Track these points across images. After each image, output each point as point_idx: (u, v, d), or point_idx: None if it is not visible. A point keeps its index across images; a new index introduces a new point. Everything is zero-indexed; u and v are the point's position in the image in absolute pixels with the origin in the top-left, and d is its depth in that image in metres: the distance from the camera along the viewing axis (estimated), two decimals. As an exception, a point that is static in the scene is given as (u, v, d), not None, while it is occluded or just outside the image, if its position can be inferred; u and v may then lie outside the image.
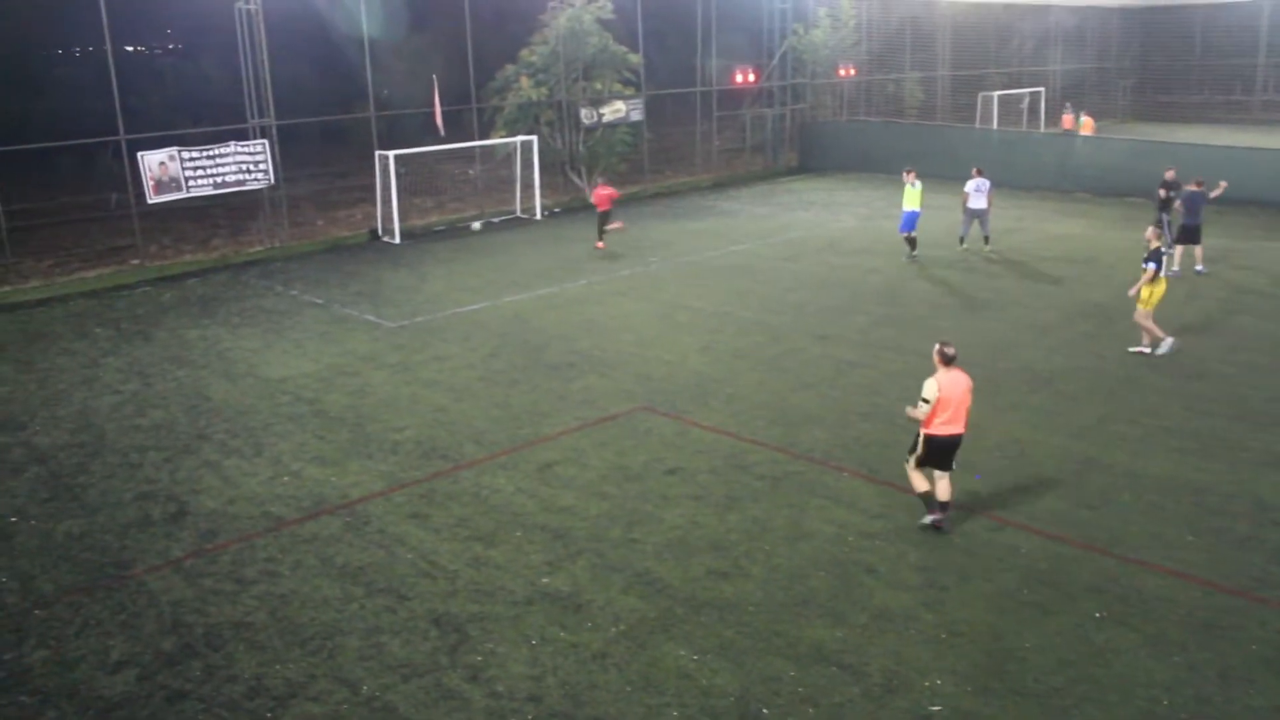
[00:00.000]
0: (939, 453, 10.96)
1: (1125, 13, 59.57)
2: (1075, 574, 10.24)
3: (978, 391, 15.46)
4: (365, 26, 28.08)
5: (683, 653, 9.03)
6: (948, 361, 10.96)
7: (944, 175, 34.79)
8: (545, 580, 10.24)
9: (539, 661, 8.93)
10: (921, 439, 10.96)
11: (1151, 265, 16.38)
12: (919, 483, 11.10)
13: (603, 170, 33.96)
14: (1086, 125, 41.92)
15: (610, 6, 32.59)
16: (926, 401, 10.74)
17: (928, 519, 11.13)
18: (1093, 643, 9.13)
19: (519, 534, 11.18)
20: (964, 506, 11.61)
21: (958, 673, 8.71)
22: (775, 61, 39.83)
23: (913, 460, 11.09)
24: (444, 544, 11.01)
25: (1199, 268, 22.16)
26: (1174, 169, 24.41)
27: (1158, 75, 61.91)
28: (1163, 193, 23.72)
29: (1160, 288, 16.59)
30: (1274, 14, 57.19)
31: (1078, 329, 18.27)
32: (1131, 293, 16.89)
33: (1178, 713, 8.19)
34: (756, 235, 27.23)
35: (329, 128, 30.67)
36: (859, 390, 15.37)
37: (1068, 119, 44.31)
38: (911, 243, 23.79)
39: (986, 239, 24.78)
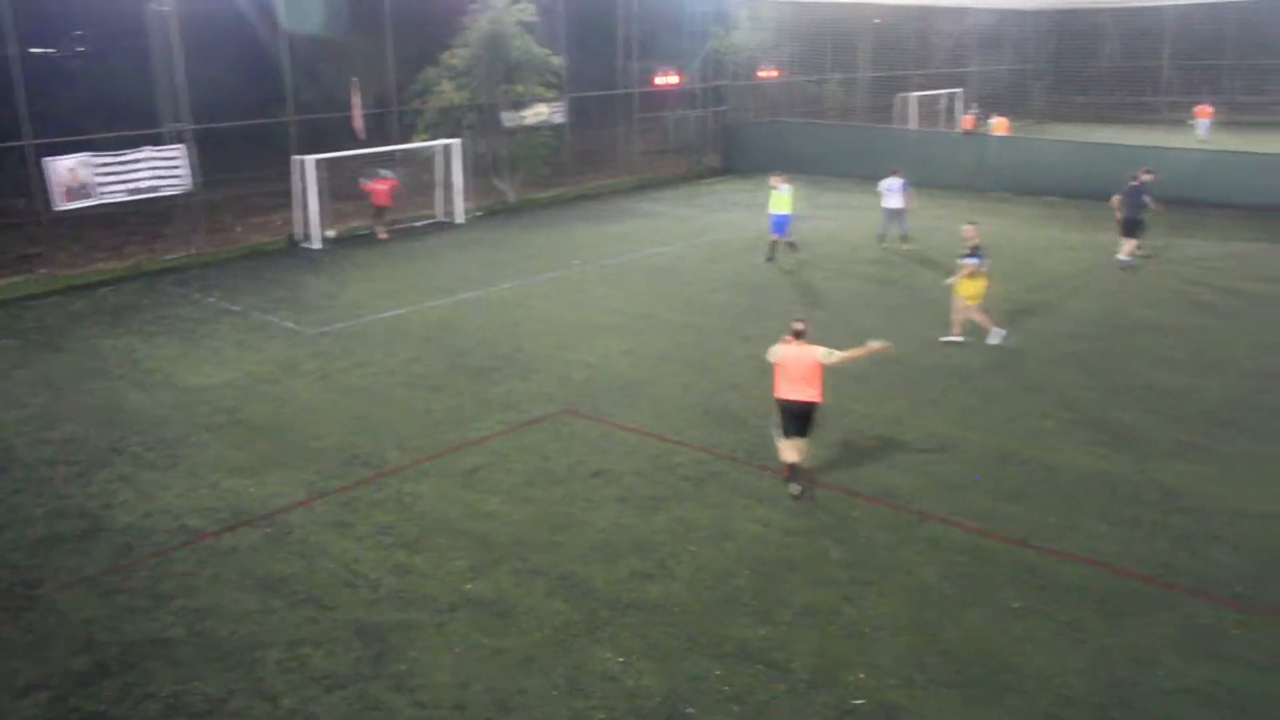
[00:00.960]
0: (785, 417, 11.87)
1: (1040, 15, 60.90)
2: (994, 566, 10.44)
3: (899, 387, 15.76)
4: (284, 28, 27.66)
5: (609, 655, 9.03)
6: (796, 335, 11.91)
7: (866, 175, 35.25)
8: (469, 586, 10.17)
9: (464, 668, 8.87)
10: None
11: (970, 261, 17.00)
12: (783, 452, 11.99)
13: (525, 173, 33.85)
14: (1000, 125, 42.73)
15: (532, 9, 32.45)
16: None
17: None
18: (1011, 632, 9.32)
19: (443, 540, 11.10)
20: (885, 502, 11.78)
21: (881, 666, 8.83)
22: (697, 63, 40.00)
23: (775, 428, 12.11)
24: (367, 552, 10.88)
25: (1122, 257, 22.76)
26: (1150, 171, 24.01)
27: (1072, 76, 63.41)
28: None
29: (981, 282, 17.08)
30: (1177, 19, 58.89)
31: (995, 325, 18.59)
32: (947, 282, 17.83)
33: (1092, 697, 8.40)
34: (680, 237, 27.33)
35: (248, 132, 30.08)
36: (782, 389, 15.49)
37: (968, 119, 45.18)
38: (774, 246, 23.64)
39: (904, 237, 25.19)
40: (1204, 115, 46.18)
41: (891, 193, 24.86)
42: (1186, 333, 18.09)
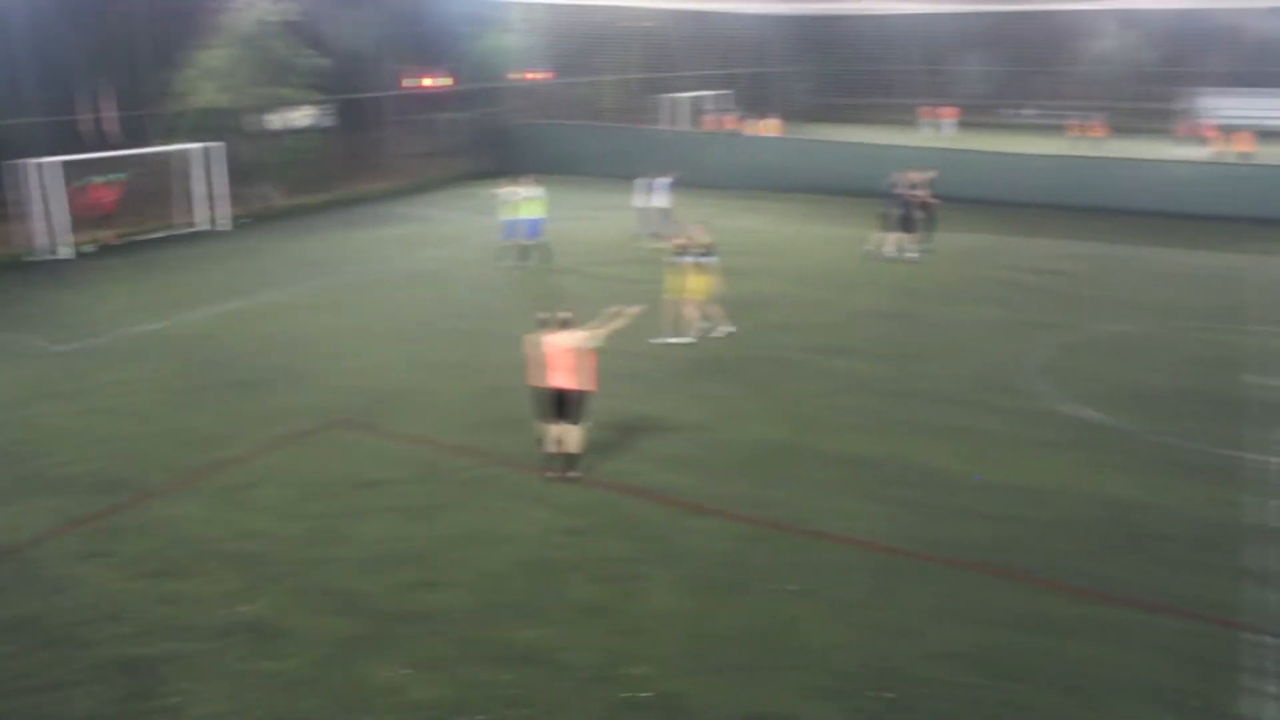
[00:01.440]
0: (551, 405, 12.22)
1: (802, 21, 63.46)
2: (767, 552, 10.85)
3: (668, 384, 16.12)
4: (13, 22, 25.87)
5: (391, 668, 8.90)
6: (561, 325, 12.23)
7: (638, 175, 35.83)
8: (243, 609, 9.81)
9: (241, 694, 8.56)
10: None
11: (697, 259, 17.38)
12: (547, 442, 12.39)
13: (293, 178, 32.80)
14: (763, 126, 44.52)
15: (296, 8, 31.48)
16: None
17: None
18: (785, 614, 9.70)
19: (212, 563, 10.66)
20: (660, 496, 12.05)
21: (662, 658, 9.03)
22: (469, 65, 39.70)
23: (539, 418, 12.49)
24: (129, 582, 10.33)
25: (889, 250, 24.06)
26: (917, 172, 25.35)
27: (832, 79, 66.43)
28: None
29: (704, 279, 17.54)
30: (925, 25, 62.61)
31: (757, 320, 19.30)
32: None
33: (863, 670, 8.85)
34: (453, 240, 27.11)
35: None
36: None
37: (730, 120, 46.96)
38: (525, 251, 23.71)
39: (656, 235, 25.36)
40: (946, 114, 49.26)
41: (658, 191, 25.36)
42: (936, 319, 19.24)
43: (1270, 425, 14.22)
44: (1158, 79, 59.87)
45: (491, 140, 40.97)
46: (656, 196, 25.38)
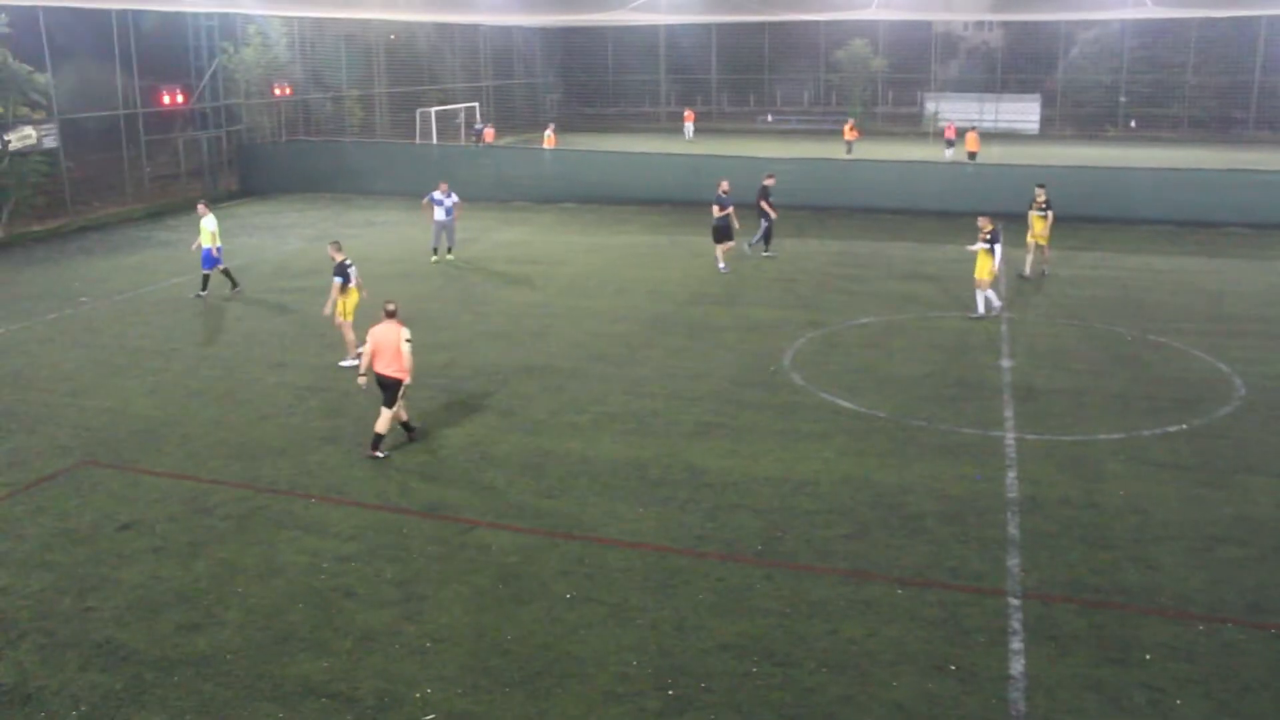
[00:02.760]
0: (381, 388, 13.39)
1: (547, 32, 63.94)
2: (544, 562, 10.87)
3: (436, 399, 15.96)
4: None
5: (158, 720, 8.43)
6: (389, 315, 13.49)
7: (393, 191, 35.33)
8: (-18, 673, 9.07)
9: (-16, 767, 7.92)
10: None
11: (338, 279, 16.96)
12: (381, 422, 13.44)
13: (15, 204, 30.53)
14: (488, 135, 45.04)
15: (4, 19, 29.30)
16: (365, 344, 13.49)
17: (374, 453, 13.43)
18: (566, 622, 9.75)
19: (-56, 627, 9.80)
20: (434, 515, 11.90)
21: (446, 678, 8.92)
22: (205, 81, 37.97)
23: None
24: None
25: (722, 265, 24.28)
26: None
27: (580, 89, 67.28)
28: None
29: (353, 298, 17.29)
30: (670, 34, 64.32)
31: (528, 327, 19.37)
32: (326, 311, 17.38)
33: (645, 669, 8.99)
34: (198, 265, 25.85)
35: None
36: (318, 414, 15.20)
37: (489, 133, 47.42)
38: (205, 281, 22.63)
39: (450, 249, 25.63)
40: (689, 119, 50.89)
41: (440, 205, 25.11)
42: (690, 321, 19.80)
43: (1003, 403, 15.35)
44: (890, 85, 63.76)
45: (234, 160, 39.38)
46: (438, 210, 25.09)
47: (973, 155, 39.92)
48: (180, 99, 37.92)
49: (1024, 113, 59.23)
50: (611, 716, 8.40)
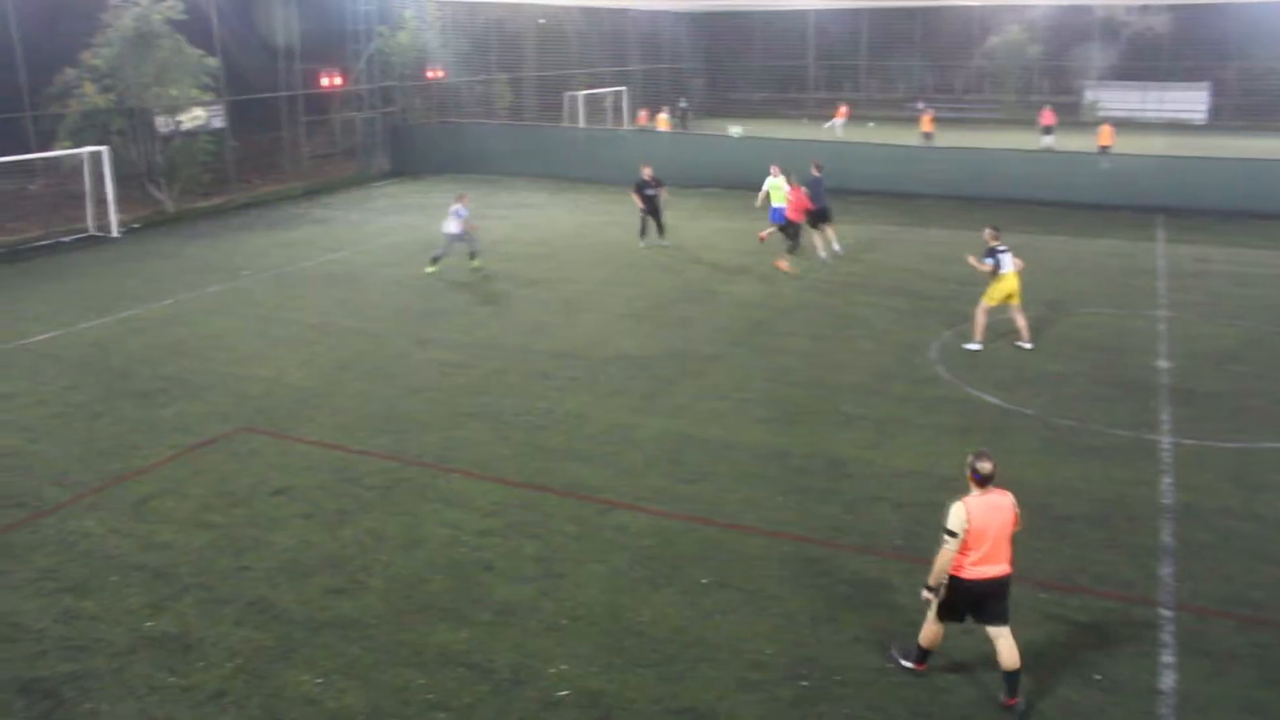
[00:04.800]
0: (971, 599, 8.29)
1: (694, 17, 63.88)
2: (681, 546, 10.90)
3: (581, 381, 16.08)
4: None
5: (306, 678, 8.75)
6: (982, 482, 8.17)
7: (540, 173, 35.81)
8: (149, 624, 9.55)
9: (149, 713, 8.33)
10: (947, 582, 8.27)
11: (989, 261, 16.83)
12: (929, 634, 8.59)
13: (184, 181, 31.97)
14: (661, 122, 44.66)
15: (181, 6, 30.67)
16: (953, 535, 8.02)
17: (904, 661, 8.87)
18: (701, 607, 9.76)
19: (115, 578, 10.36)
20: (574, 494, 12.05)
21: (581, 656, 9.03)
22: (362, 64, 39.15)
23: (934, 609, 8.47)
24: (26, 601, 9.99)
25: (836, 248, 23.90)
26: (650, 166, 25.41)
27: (725, 75, 67.01)
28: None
29: (1009, 283, 16.96)
30: (819, 20, 63.55)
31: (669, 314, 19.42)
32: (971, 260, 17.48)
33: (779, 659, 8.94)
34: (352, 242, 26.74)
35: None
36: (464, 391, 15.51)
37: (644, 115, 47.16)
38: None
39: (437, 260, 23.63)
40: (840, 115, 49.83)
41: (457, 216, 23.15)
42: (836, 311, 19.55)
43: (1159, 405, 14.74)
44: (1046, 73, 61.66)
45: (388, 140, 40.48)
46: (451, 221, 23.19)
47: (1105, 149, 37.93)
48: (338, 81, 39.19)
49: (1191, 102, 56.49)
50: (743, 704, 8.39)
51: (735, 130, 27.49)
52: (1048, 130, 42.58)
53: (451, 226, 23.16)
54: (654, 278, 22.43)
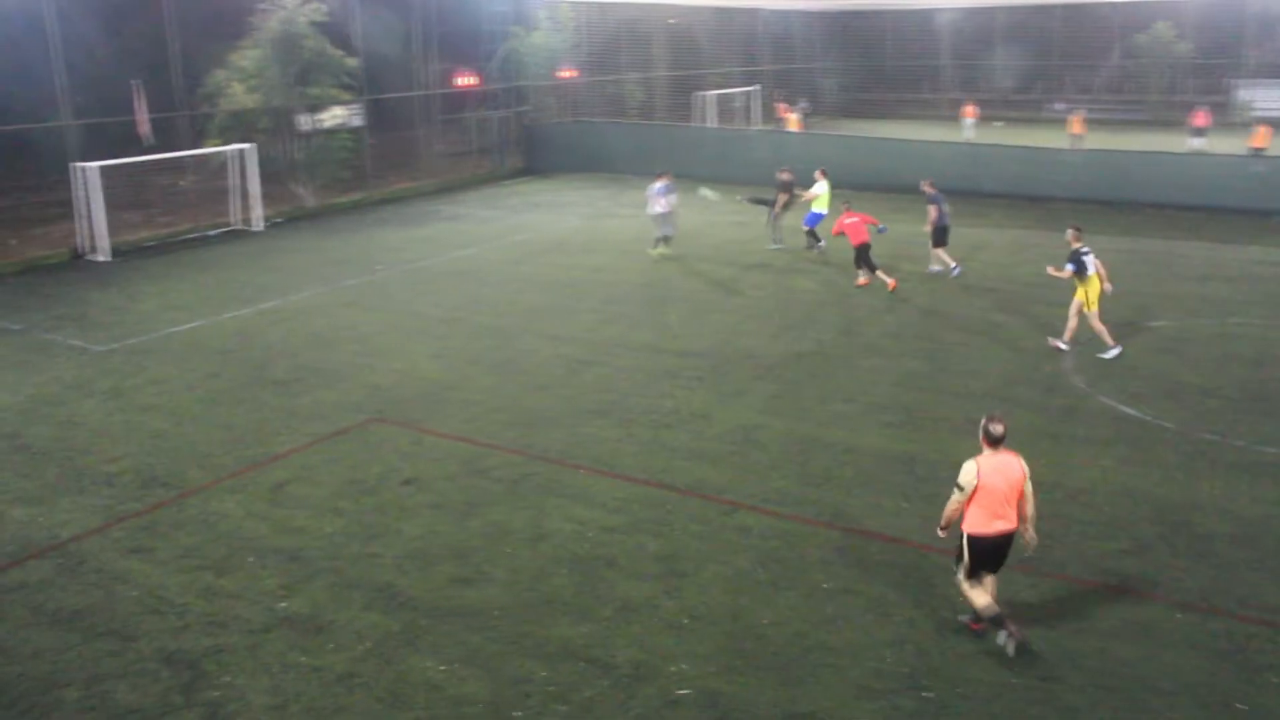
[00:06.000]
0: (988, 555, 9.06)
1: (826, 16, 63.25)
2: (804, 549, 10.82)
3: (705, 381, 16.08)
4: (55, 26, 26.15)
5: (430, 664, 8.96)
6: (993, 442, 9.06)
7: (669, 173, 35.75)
8: (283, 605, 9.91)
9: (281, 689, 8.65)
10: (965, 541, 9.06)
11: (1071, 267, 16.55)
12: (978, 597, 9.15)
13: (323, 177, 32.98)
14: (792, 121, 44.28)
15: (324, 9, 31.67)
16: (960, 489, 8.95)
17: (1003, 636, 9.05)
18: (823, 612, 9.68)
19: (252, 559, 10.77)
20: (698, 494, 12.06)
21: (701, 655, 9.04)
22: (496, 64, 39.83)
23: (962, 572, 9.20)
24: (171, 577, 10.46)
25: (945, 266, 22.52)
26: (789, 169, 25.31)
27: (857, 75, 66.14)
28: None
29: (1094, 287, 16.63)
30: (952, 19, 62.25)
31: (796, 315, 19.28)
32: (1050, 271, 17.13)
33: (901, 668, 8.82)
34: (484, 239, 27.21)
35: (19, 137, 28.09)
36: (592, 388, 15.65)
37: (783, 108, 46.81)
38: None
39: (666, 239, 24.54)
40: (970, 115, 48.63)
41: (654, 197, 24.16)
42: (965, 317, 19.14)
43: (1311, 422, 14.08)
44: (1193, 71, 59.22)
45: (521, 139, 41.10)
46: (655, 201, 24.20)
47: (1260, 151, 36.01)
48: (472, 81, 39.94)
49: (1358, 101, 53.49)
50: (863, 712, 8.29)
51: (706, 192, 27.56)
52: (1199, 132, 40.76)
53: (657, 207, 23.92)
54: (781, 280, 22.28)
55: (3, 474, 13.01)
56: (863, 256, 21.44)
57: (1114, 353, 16.62)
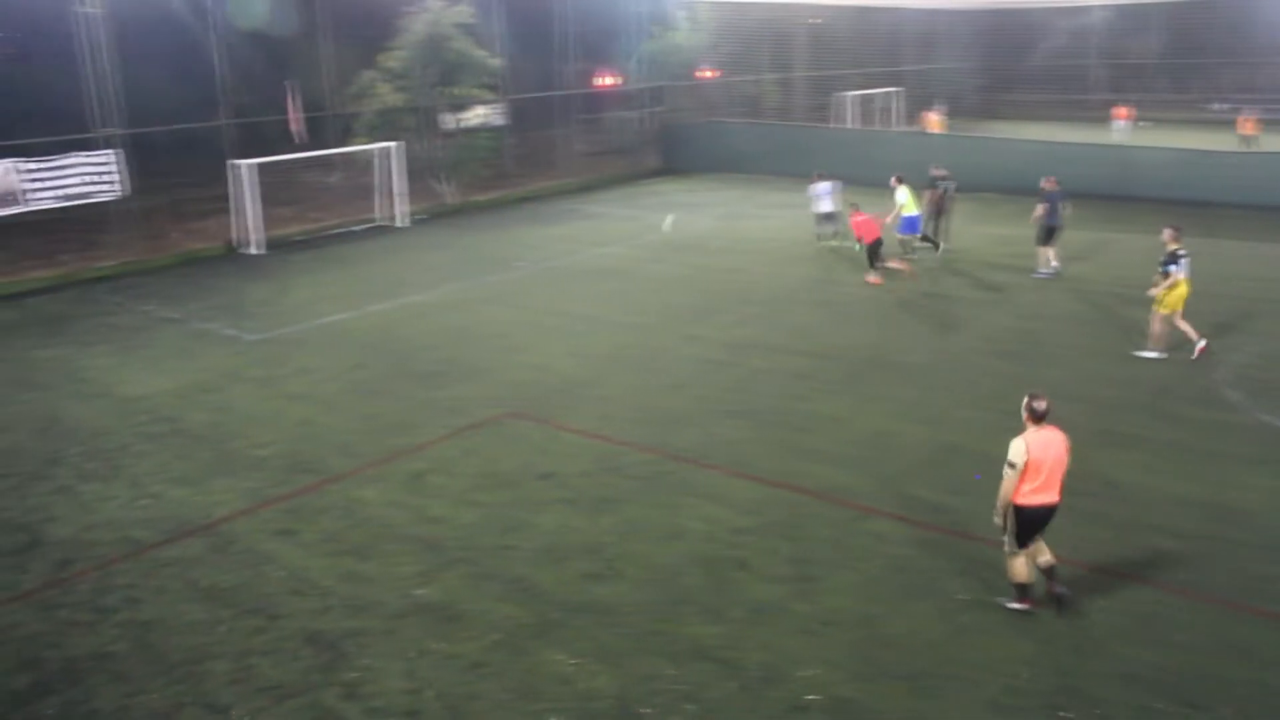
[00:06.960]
0: (1036, 525, 9.48)
1: (970, 15, 61.80)
2: (938, 558, 10.59)
3: (841, 384, 15.85)
4: (217, 30, 27.31)
5: (560, 657, 9.05)
6: (1038, 419, 9.47)
7: (805, 174, 35.45)
8: (419, 592, 10.14)
9: (416, 674, 8.85)
10: (1011, 512, 9.43)
11: (1168, 268, 16.26)
12: (1020, 571, 9.52)
13: (466, 175, 33.66)
14: (934, 123, 43.44)
15: (470, 10, 32.34)
16: (1013, 466, 9.25)
17: (1013, 605, 9.66)
18: (957, 623, 9.45)
19: (391, 546, 11.05)
20: (832, 498, 11.91)
21: (831, 661, 8.92)
22: (635, 64, 40.07)
23: (1011, 543, 9.49)
24: (314, 560, 10.80)
25: (1055, 265, 22.13)
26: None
27: (1002, 75, 64.41)
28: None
29: (1181, 290, 16.31)
30: (1104, 17, 60.16)
31: (935, 321, 18.89)
32: (1150, 293, 16.73)
33: (1037, 684, 8.55)
34: (622, 237, 27.38)
35: (182, 136, 29.46)
36: (727, 389, 15.60)
37: (930, 116, 45.97)
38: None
39: (835, 233, 25.55)
40: (1121, 117, 46.90)
41: (825, 196, 25.39)
42: (1107, 326, 18.44)
43: None
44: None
45: (658, 139, 41.25)
46: (820, 201, 25.49)
47: None
48: (612, 81, 40.27)
49: None
50: (1000, 728, 8.07)
51: (668, 223, 27.42)
52: (1247, 140, 38.97)
53: (822, 206, 24.90)
54: (920, 283, 21.84)
55: (163, 456, 13.63)
56: (874, 254, 21.63)
57: (1155, 355, 16.54)
